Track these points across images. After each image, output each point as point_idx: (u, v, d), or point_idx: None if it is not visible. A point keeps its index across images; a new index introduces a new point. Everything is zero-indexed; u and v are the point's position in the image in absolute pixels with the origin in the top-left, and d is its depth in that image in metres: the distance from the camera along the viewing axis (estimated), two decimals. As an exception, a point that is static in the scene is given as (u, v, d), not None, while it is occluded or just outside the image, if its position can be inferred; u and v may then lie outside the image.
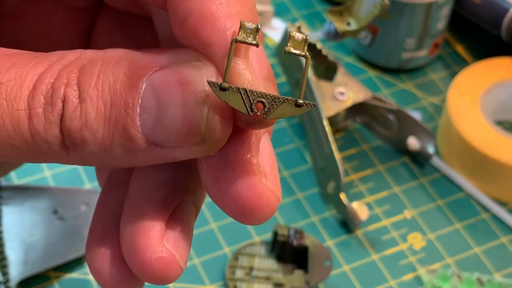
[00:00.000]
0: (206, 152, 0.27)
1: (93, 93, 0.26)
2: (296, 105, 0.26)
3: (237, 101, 0.25)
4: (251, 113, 0.26)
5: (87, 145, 0.26)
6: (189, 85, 0.26)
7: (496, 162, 0.62)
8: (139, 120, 0.26)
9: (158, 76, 0.26)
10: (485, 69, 0.68)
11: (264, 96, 0.26)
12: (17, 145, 0.26)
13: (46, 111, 0.26)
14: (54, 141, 0.26)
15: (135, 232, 0.28)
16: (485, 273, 0.60)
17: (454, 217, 0.63)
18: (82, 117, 0.26)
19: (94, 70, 0.26)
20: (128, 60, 0.26)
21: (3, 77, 0.26)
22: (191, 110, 0.25)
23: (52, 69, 0.26)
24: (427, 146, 0.65)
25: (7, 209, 0.59)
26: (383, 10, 0.58)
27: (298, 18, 0.77)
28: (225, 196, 0.27)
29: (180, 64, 0.26)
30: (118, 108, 0.26)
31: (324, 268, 0.57)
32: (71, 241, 0.58)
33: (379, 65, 0.73)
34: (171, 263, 0.28)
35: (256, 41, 0.26)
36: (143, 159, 0.27)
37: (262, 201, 0.27)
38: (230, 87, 0.25)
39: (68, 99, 0.26)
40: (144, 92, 0.26)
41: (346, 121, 0.68)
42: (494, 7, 0.71)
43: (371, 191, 0.65)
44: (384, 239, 0.62)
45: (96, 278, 0.30)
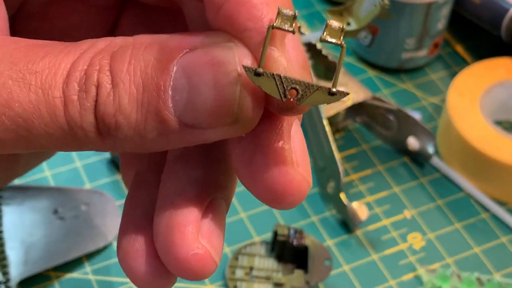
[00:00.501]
0: (237, 132, 0.27)
1: (125, 78, 0.26)
2: (329, 94, 0.26)
3: (271, 87, 0.26)
4: (284, 99, 0.26)
5: (121, 130, 0.26)
6: (221, 65, 0.26)
7: (496, 162, 0.62)
8: (171, 102, 0.26)
9: (189, 57, 0.26)
10: (485, 69, 0.68)
11: (298, 83, 0.26)
12: (53, 133, 0.26)
13: (81, 97, 0.26)
14: (89, 127, 0.26)
15: (170, 229, 0.28)
16: (485, 273, 0.60)
17: (454, 217, 0.63)
18: (115, 102, 0.26)
19: (125, 56, 0.26)
20: (158, 44, 0.27)
21: (38, 66, 0.26)
22: (223, 90, 0.26)
23: (84, 56, 0.27)
24: (427, 146, 0.65)
25: (7, 209, 0.59)
26: (383, 10, 0.58)
27: (298, 18, 0.77)
28: (256, 181, 0.27)
29: (211, 45, 0.26)
30: (150, 91, 0.26)
31: (324, 268, 0.57)
32: (71, 241, 0.58)
33: (379, 65, 0.73)
34: (207, 260, 0.28)
35: (292, 28, 0.26)
36: (176, 141, 0.27)
37: (294, 186, 0.27)
38: (265, 73, 0.25)
39: (102, 85, 0.26)
40: (175, 74, 0.26)
41: (346, 121, 0.68)
42: (494, 7, 0.71)
43: (371, 191, 0.65)
44: (384, 239, 0.62)
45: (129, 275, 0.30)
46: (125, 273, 0.30)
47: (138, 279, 0.29)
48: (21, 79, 0.26)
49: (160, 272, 0.29)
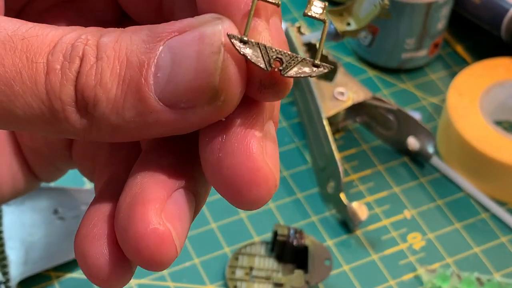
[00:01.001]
0: (219, 112, 0.26)
1: (110, 52, 0.26)
2: (314, 65, 0.26)
3: (256, 56, 0.25)
4: (269, 68, 0.26)
5: (99, 106, 0.26)
6: (206, 38, 0.25)
7: (496, 162, 0.62)
8: (152, 79, 0.26)
9: (177, 39, 0.26)
10: (484, 69, 0.68)
11: (282, 53, 0.26)
12: (31, 103, 0.26)
13: (64, 67, 0.26)
14: (67, 99, 0.26)
15: (132, 203, 0.27)
16: (485, 273, 0.60)
17: (453, 217, 0.63)
18: (97, 75, 0.26)
19: (113, 34, 0.26)
20: (148, 28, 0.27)
21: (26, 33, 0.26)
22: (205, 60, 0.25)
23: (74, 32, 0.27)
24: (427, 146, 0.65)
25: (7, 209, 0.59)
26: (383, 10, 0.58)
27: (298, 18, 0.78)
28: (222, 167, 0.26)
29: (199, 25, 0.26)
30: (133, 67, 0.26)
31: (324, 268, 0.57)
32: (71, 241, 0.58)
33: (379, 65, 0.73)
34: (167, 240, 0.27)
35: (277, 1, 0.26)
36: (153, 124, 0.26)
37: (260, 175, 0.26)
38: (250, 41, 0.25)
39: (86, 57, 0.26)
40: (160, 53, 0.26)
41: (346, 121, 0.68)
42: (494, 7, 0.71)
43: (371, 191, 0.65)
44: (384, 239, 0.62)
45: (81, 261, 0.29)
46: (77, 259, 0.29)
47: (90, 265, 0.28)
48: (8, 41, 0.26)
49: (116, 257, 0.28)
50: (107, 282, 0.29)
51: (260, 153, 0.27)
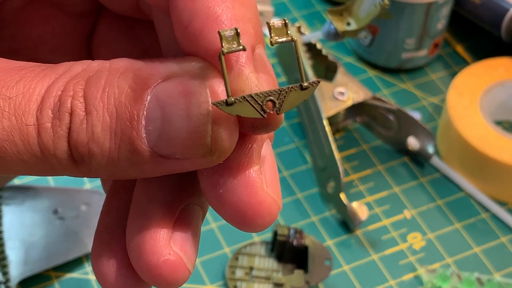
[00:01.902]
0: (213, 162, 0.26)
1: (98, 105, 0.26)
2: (302, 89, 0.26)
3: (248, 110, 0.25)
4: (265, 115, 0.26)
5: (95, 158, 0.26)
6: (193, 96, 0.25)
7: (496, 162, 0.62)
8: (144, 132, 0.26)
9: (163, 87, 0.26)
10: (484, 69, 0.68)
11: (271, 93, 0.26)
12: (26, 160, 0.26)
13: (54, 125, 0.26)
14: (62, 155, 0.26)
15: (141, 235, 0.28)
16: (485, 273, 0.60)
17: (453, 217, 0.63)
18: (88, 130, 0.26)
19: (100, 82, 0.26)
20: (133, 71, 0.26)
21: (12, 91, 0.26)
22: (196, 122, 0.25)
23: (59, 81, 0.26)
24: (427, 146, 0.65)
25: (7, 209, 0.59)
26: (383, 10, 0.58)
27: (298, 18, 0.78)
28: (225, 203, 0.27)
29: (183, 75, 0.26)
30: (124, 120, 0.26)
31: (324, 268, 0.57)
32: (71, 241, 0.58)
33: (379, 65, 0.73)
34: (178, 266, 0.28)
35: (241, 46, 0.25)
36: (150, 171, 0.27)
37: (263, 208, 0.27)
38: (236, 100, 0.25)
39: (75, 112, 0.26)
40: (149, 104, 0.26)
41: (346, 121, 0.68)
42: (494, 7, 0.71)
43: (371, 191, 0.65)
44: (384, 239, 0.62)
45: (101, 283, 0.29)
46: (97, 279, 0.29)
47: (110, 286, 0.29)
48: None
49: (132, 280, 0.29)
50: None
51: (260, 186, 0.27)
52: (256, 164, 0.27)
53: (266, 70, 0.27)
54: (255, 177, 0.27)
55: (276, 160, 0.28)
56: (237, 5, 0.26)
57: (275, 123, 0.26)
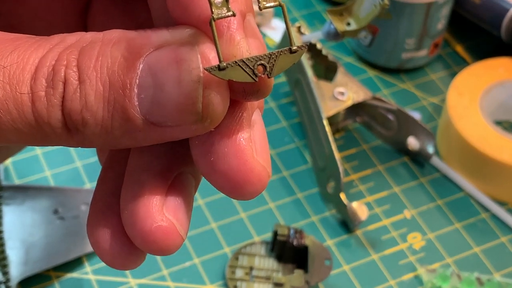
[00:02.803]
0: (205, 129, 0.27)
1: (92, 74, 0.26)
2: (292, 52, 0.27)
3: (239, 74, 0.26)
4: (256, 79, 0.26)
5: (88, 127, 0.26)
6: (184, 63, 0.26)
7: (496, 162, 0.62)
8: (137, 100, 0.26)
9: (155, 56, 0.26)
10: (484, 69, 0.68)
11: (261, 58, 0.26)
12: (21, 129, 0.26)
13: (48, 93, 0.26)
14: (56, 123, 0.26)
15: (135, 202, 0.28)
16: (485, 273, 0.60)
17: (453, 217, 0.63)
18: (82, 98, 0.26)
19: (93, 52, 0.26)
20: (126, 41, 0.27)
21: (6, 61, 0.26)
22: (187, 88, 0.26)
23: (53, 51, 0.27)
24: (427, 146, 0.65)
25: (7, 209, 0.59)
26: (383, 10, 0.58)
27: (298, 18, 0.78)
28: (215, 170, 0.27)
29: (175, 43, 0.26)
30: (116, 89, 0.26)
31: (324, 268, 0.57)
32: (71, 240, 0.58)
33: (379, 65, 0.73)
34: (171, 232, 0.28)
35: (231, 12, 0.26)
36: (143, 139, 0.27)
37: (253, 175, 0.27)
38: (228, 64, 0.26)
39: (68, 81, 0.26)
40: (141, 73, 0.26)
41: (346, 121, 0.68)
42: (494, 7, 0.71)
43: (371, 191, 0.65)
44: (384, 239, 0.62)
45: (96, 251, 0.30)
46: (93, 248, 0.30)
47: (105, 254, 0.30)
48: None
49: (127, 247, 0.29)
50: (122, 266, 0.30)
51: (250, 154, 0.27)
52: (246, 132, 0.27)
53: (256, 36, 0.27)
54: (245, 145, 0.27)
55: (276, 160, 0.28)
56: None
57: (265, 88, 0.27)
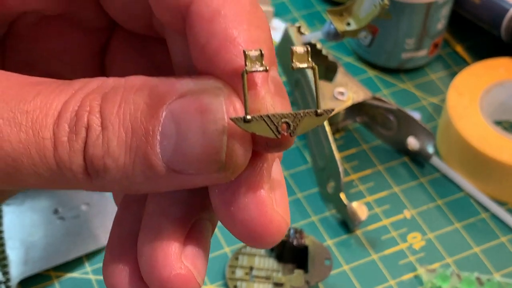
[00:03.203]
0: (226, 178, 0.27)
1: (114, 120, 0.26)
2: (317, 115, 0.27)
3: (263, 128, 0.26)
4: (279, 136, 0.26)
5: (109, 173, 0.26)
6: (209, 113, 0.26)
7: (496, 162, 0.62)
8: (159, 147, 0.26)
9: (178, 104, 0.26)
10: (484, 69, 0.68)
11: (286, 116, 0.26)
12: (42, 173, 0.26)
13: (71, 139, 0.26)
14: (77, 169, 0.26)
15: (153, 249, 0.28)
16: (485, 273, 0.60)
17: (453, 216, 0.63)
18: (104, 144, 0.26)
19: (116, 98, 0.27)
20: (149, 88, 0.27)
21: (29, 106, 0.26)
22: (211, 138, 0.26)
23: (76, 97, 0.27)
24: (427, 146, 0.65)
25: (7, 209, 0.59)
26: (383, 10, 0.58)
27: (298, 18, 0.78)
28: (235, 221, 0.27)
29: (199, 92, 0.26)
30: (139, 135, 0.26)
31: (324, 268, 0.57)
32: (71, 240, 0.58)
33: (379, 65, 0.73)
34: (189, 280, 0.28)
35: (264, 67, 0.26)
36: (164, 185, 0.27)
37: (273, 226, 0.27)
38: (253, 118, 0.26)
39: (91, 127, 0.26)
40: (164, 120, 0.26)
41: (346, 121, 0.68)
42: (494, 7, 0.71)
43: (371, 191, 0.65)
44: (384, 239, 0.62)
45: None
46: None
47: None
48: (12, 118, 0.26)
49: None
50: None
51: (270, 206, 0.27)
52: (266, 183, 0.28)
53: (280, 92, 0.28)
54: (266, 196, 0.27)
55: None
56: (253, 28, 0.27)
57: (287, 143, 0.27)
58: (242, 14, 0.27)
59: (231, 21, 0.27)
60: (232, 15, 0.27)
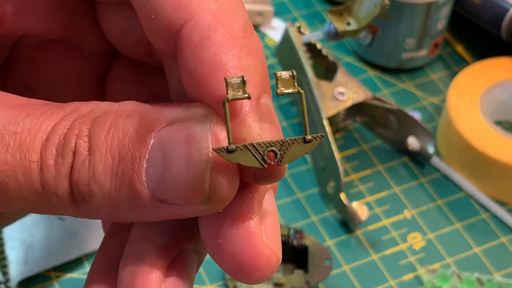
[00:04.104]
0: (211, 210, 0.26)
1: (102, 146, 0.26)
2: (305, 142, 0.26)
3: (248, 158, 0.25)
4: (265, 165, 0.25)
5: (95, 199, 0.26)
6: (194, 142, 0.25)
7: (496, 162, 0.62)
8: (145, 175, 0.26)
9: (166, 131, 0.26)
10: (485, 69, 0.68)
11: (273, 144, 0.25)
12: (28, 197, 0.26)
13: (57, 163, 0.26)
14: (63, 193, 0.26)
15: (133, 276, 0.27)
16: (485, 273, 0.60)
17: (454, 217, 0.63)
18: (90, 170, 0.26)
19: (105, 123, 0.26)
20: (139, 114, 0.26)
21: (18, 127, 0.26)
22: (194, 168, 0.25)
23: (66, 120, 0.26)
24: (427, 146, 0.65)
25: (7, 209, 0.59)
26: (383, 10, 0.58)
27: (298, 18, 0.77)
28: (223, 253, 0.26)
29: (187, 120, 0.26)
30: (126, 162, 0.26)
31: (324, 268, 0.57)
32: (71, 241, 0.58)
33: (379, 65, 0.73)
34: None
35: (246, 94, 0.25)
36: (149, 214, 0.26)
37: (261, 260, 0.26)
38: (237, 147, 0.25)
39: (78, 151, 0.26)
40: (151, 148, 0.26)
41: (346, 121, 0.68)
42: (494, 7, 0.71)
43: (371, 191, 0.65)
44: (384, 239, 0.62)
45: None
46: None
47: None
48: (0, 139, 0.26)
49: None
50: None
51: (259, 238, 0.27)
52: (256, 214, 0.27)
53: (271, 121, 0.27)
54: (255, 228, 0.26)
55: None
56: (244, 54, 0.26)
57: (277, 174, 0.26)
58: (233, 40, 0.26)
59: (221, 47, 0.26)
60: (222, 40, 0.26)
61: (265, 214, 0.27)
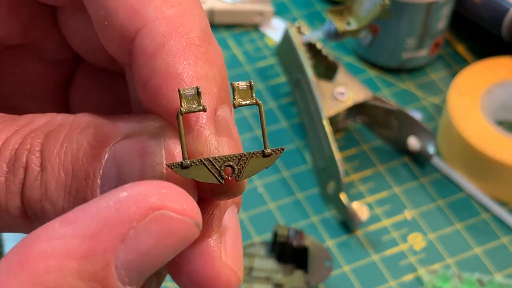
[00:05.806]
0: None
1: (54, 161, 0.24)
2: (264, 156, 0.25)
3: (204, 174, 0.24)
4: (222, 181, 0.24)
5: (48, 216, 0.25)
6: (147, 157, 0.24)
7: (497, 162, 0.62)
8: (99, 192, 0.24)
9: (121, 145, 0.25)
10: (485, 69, 0.68)
11: (230, 158, 0.24)
12: None
13: (8, 180, 0.25)
14: (15, 211, 0.25)
15: None
16: (486, 273, 0.60)
17: (454, 217, 0.63)
18: (42, 187, 0.24)
19: (59, 136, 0.25)
20: (94, 127, 0.25)
21: None
22: None
23: (18, 134, 0.25)
24: (428, 146, 0.65)
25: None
26: (383, 10, 0.58)
27: (298, 18, 0.77)
28: (181, 272, 0.25)
29: (142, 134, 0.25)
30: (79, 178, 0.24)
31: (324, 269, 0.57)
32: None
33: (379, 65, 0.73)
34: None
35: (202, 106, 0.24)
36: None
37: (220, 280, 0.25)
38: (192, 162, 0.24)
39: (30, 167, 0.25)
40: (106, 163, 0.24)
41: (346, 121, 0.68)
42: (495, 7, 0.71)
43: (371, 191, 0.65)
44: (384, 240, 0.61)
45: None
46: None
47: None
48: None
49: None
50: None
51: (218, 257, 0.25)
52: (215, 232, 0.25)
53: (228, 133, 0.25)
54: (213, 247, 0.25)
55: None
56: (200, 63, 0.25)
57: (235, 189, 0.25)
58: (189, 48, 0.25)
59: (176, 55, 0.25)
60: (177, 49, 0.25)
61: (225, 231, 0.26)
